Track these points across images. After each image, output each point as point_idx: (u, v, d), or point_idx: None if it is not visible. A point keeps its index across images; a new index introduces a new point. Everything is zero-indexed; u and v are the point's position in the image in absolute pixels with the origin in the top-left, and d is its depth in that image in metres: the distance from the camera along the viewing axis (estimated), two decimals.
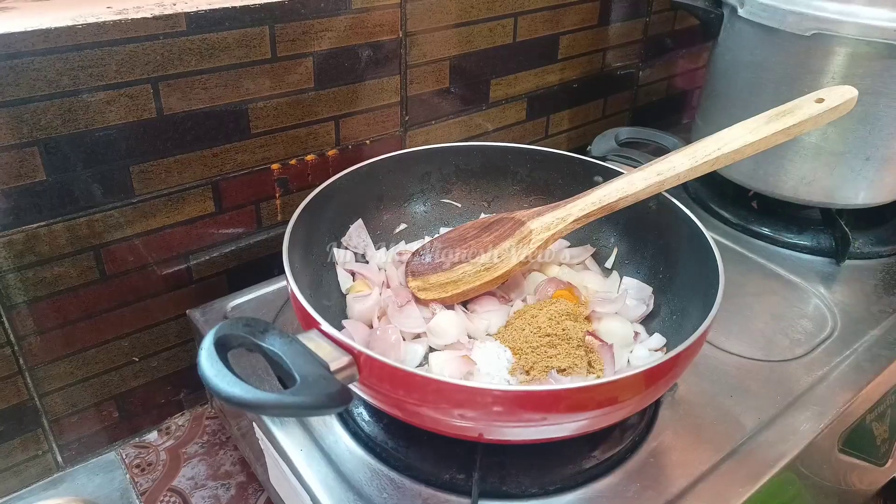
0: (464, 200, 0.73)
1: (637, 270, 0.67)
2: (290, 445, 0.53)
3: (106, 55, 0.55)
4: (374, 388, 0.45)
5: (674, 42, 1.09)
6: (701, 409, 0.58)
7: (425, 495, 0.50)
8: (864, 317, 0.70)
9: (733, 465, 0.53)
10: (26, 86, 0.52)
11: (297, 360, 0.40)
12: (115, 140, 0.58)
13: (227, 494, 0.65)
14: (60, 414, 0.65)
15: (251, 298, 0.68)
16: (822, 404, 0.59)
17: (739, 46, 0.80)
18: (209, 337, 0.40)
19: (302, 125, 0.70)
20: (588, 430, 0.48)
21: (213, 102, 0.62)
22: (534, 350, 0.56)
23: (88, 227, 0.60)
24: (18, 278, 0.57)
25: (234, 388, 0.37)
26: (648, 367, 0.44)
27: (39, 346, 0.61)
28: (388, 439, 0.54)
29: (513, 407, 0.43)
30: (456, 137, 0.85)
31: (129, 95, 0.57)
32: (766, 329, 0.67)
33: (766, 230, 0.82)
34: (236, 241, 0.71)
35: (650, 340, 0.60)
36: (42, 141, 0.55)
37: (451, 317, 0.60)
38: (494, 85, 0.86)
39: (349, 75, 0.71)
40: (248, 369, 0.59)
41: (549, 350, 0.55)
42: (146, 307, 0.66)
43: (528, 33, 0.86)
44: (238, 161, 0.67)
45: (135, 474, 0.67)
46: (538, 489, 0.50)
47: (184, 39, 0.59)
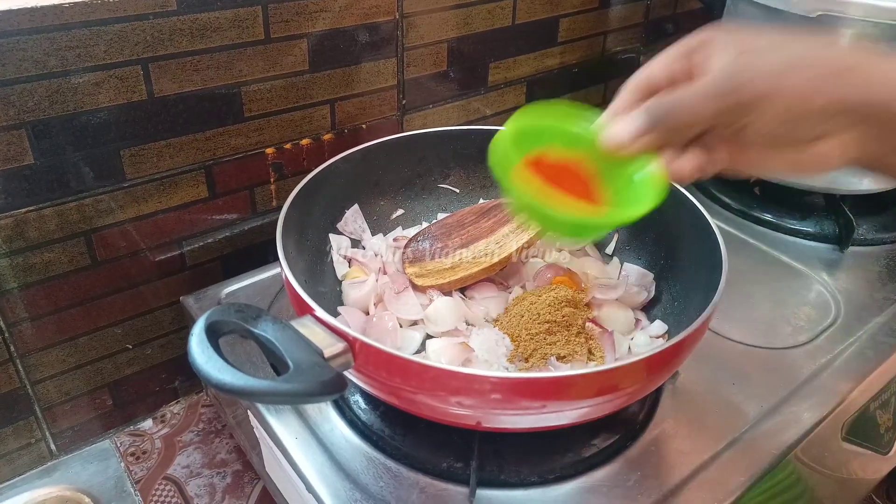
0: (462, 185, 0.72)
1: (638, 256, 0.66)
2: (285, 434, 0.52)
3: (94, 35, 0.54)
4: (370, 375, 0.45)
5: (675, 25, 1.07)
6: (702, 397, 0.57)
7: (422, 484, 0.49)
8: (867, 304, 0.69)
9: (735, 454, 0.52)
10: (12, 66, 0.51)
11: (291, 346, 0.40)
12: (104, 123, 0.57)
13: (222, 483, 0.64)
14: (53, 402, 0.64)
15: (246, 285, 0.67)
16: (825, 392, 0.58)
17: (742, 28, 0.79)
18: (199, 323, 0.39)
19: (297, 108, 0.68)
20: (588, 419, 0.47)
21: (205, 85, 0.61)
22: (533, 337, 0.55)
23: (79, 212, 0.59)
24: (7, 264, 0.56)
25: (223, 374, 0.36)
26: (649, 355, 0.43)
27: (31, 333, 0.60)
28: (384, 427, 0.53)
29: (511, 394, 0.42)
30: (454, 122, 0.84)
31: (118, 77, 0.56)
32: (768, 316, 0.67)
33: (769, 216, 0.81)
34: (230, 227, 0.69)
35: (651, 327, 0.59)
36: (30, 123, 0.53)
37: (449, 303, 0.59)
38: (493, 68, 0.84)
39: (345, 57, 0.70)
40: (242, 356, 0.58)
41: (549, 337, 0.55)
42: (139, 294, 0.65)
43: (528, 16, 0.84)
44: (231, 145, 0.65)
45: (129, 462, 0.66)
46: (537, 478, 0.49)
47: (174, 19, 0.57)
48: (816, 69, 0.37)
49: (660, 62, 0.41)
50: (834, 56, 0.38)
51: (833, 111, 0.37)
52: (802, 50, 0.38)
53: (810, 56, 0.38)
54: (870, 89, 0.37)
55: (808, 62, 0.38)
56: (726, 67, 0.38)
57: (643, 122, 0.40)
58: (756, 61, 0.38)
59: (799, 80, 0.37)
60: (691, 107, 0.39)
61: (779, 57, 0.38)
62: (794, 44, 0.39)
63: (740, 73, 0.38)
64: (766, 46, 0.39)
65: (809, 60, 0.38)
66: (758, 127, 0.38)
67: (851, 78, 0.37)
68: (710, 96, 0.38)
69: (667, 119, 0.40)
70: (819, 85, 0.37)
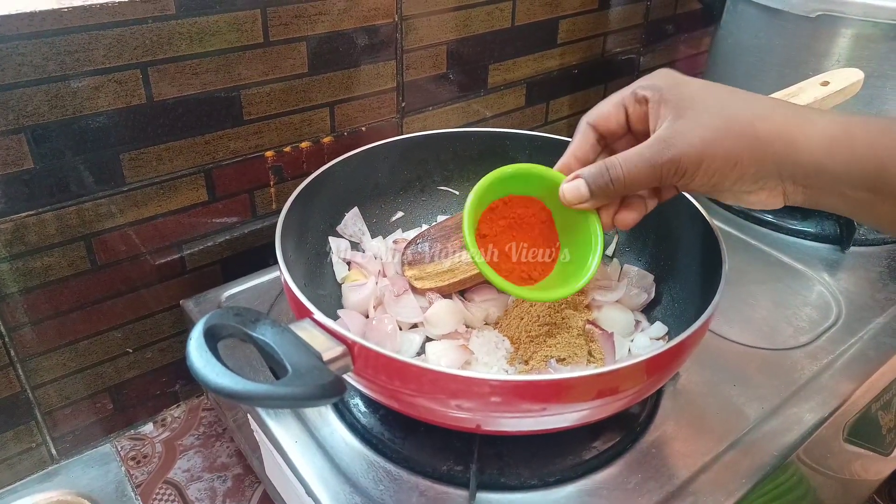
0: (462, 188, 0.72)
1: (638, 258, 0.66)
2: (285, 437, 0.52)
3: (93, 39, 0.54)
4: (370, 378, 0.45)
5: (675, 26, 1.07)
6: (703, 398, 0.57)
7: (422, 487, 0.49)
8: (869, 304, 0.69)
9: (736, 456, 0.52)
10: (12, 71, 0.51)
11: (289, 350, 0.39)
12: (104, 127, 0.57)
13: (223, 487, 0.64)
14: (54, 406, 0.64)
15: (246, 288, 0.67)
16: (827, 393, 0.58)
17: (742, 29, 0.79)
18: (198, 327, 0.39)
19: (296, 111, 0.68)
20: (588, 421, 0.47)
21: (204, 88, 0.61)
22: (532, 339, 0.55)
23: (78, 216, 0.59)
24: (7, 268, 0.56)
25: (222, 378, 0.36)
26: (650, 357, 0.43)
27: (31, 338, 0.60)
28: (384, 430, 0.53)
29: (511, 397, 0.42)
30: (454, 124, 0.84)
31: (117, 81, 0.56)
32: (769, 317, 0.66)
33: (770, 216, 0.81)
34: (230, 230, 0.69)
35: (651, 329, 0.59)
36: (29, 128, 0.53)
37: (449, 306, 0.59)
38: (493, 70, 0.84)
39: (344, 60, 0.70)
40: (241, 360, 0.58)
41: (549, 339, 0.54)
42: (139, 297, 0.65)
43: (527, 17, 0.84)
44: (231, 148, 0.65)
45: (130, 467, 0.66)
46: (537, 481, 0.49)
47: (173, 23, 0.57)
48: (748, 137, 0.40)
49: (611, 105, 0.45)
50: (765, 120, 0.40)
51: (764, 174, 0.40)
52: (737, 111, 0.40)
53: (743, 120, 0.40)
54: (798, 154, 0.39)
55: (740, 128, 0.40)
56: (661, 134, 0.41)
57: (586, 191, 0.45)
58: (691, 128, 0.40)
59: (731, 147, 0.40)
60: (628, 176, 0.43)
61: (714, 122, 0.40)
62: (732, 104, 0.41)
63: (675, 141, 0.41)
64: (703, 108, 0.41)
65: (742, 127, 0.40)
66: (695, 185, 0.42)
67: (780, 145, 0.40)
68: (647, 164, 0.41)
69: (606, 189, 0.44)
70: (750, 153, 0.40)
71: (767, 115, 0.40)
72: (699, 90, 0.42)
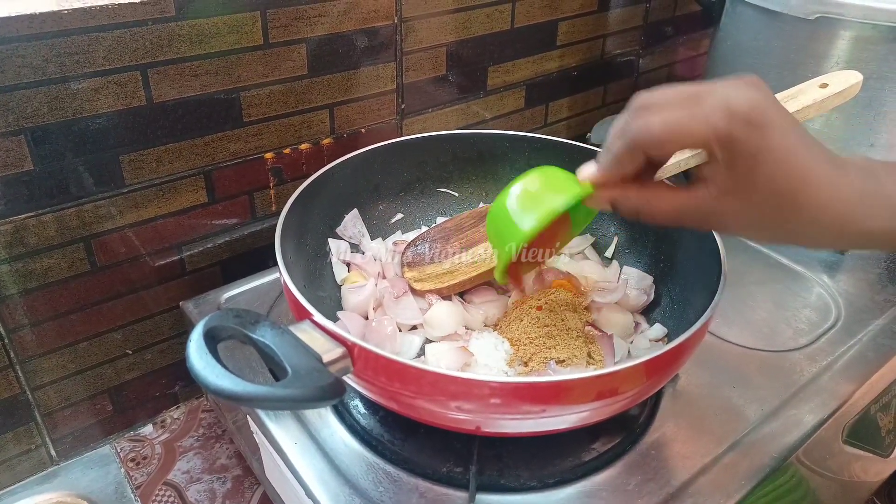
0: (461, 189, 0.72)
1: (638, 260, 0.66)
2: (284, 439, 0.52)
3: (93, 41, 0.54)
4: (369, 380, 0.45)
5: (675, 28, 1.07)
6: (703, 400, 0.57)
7: (422, 489, 0.49)
8: (868, 306, 0.69)
9: (735, 457, 0.52)
10: (11, 72, 0.51)
11: (289, 351, 0.40)
12: (104, 128, 0.57)
13: (222, 488, 0.64)
14: (53, 407, 0.64)
15: (246, 290, 0.67)
16: (826, 395, 0.58)
17: (741, 31, 0.79)
18: (198, 328, 0.39)
19: (296, 113, 0.68)
20: (588, 423, 0.47)
21: (204, 90, 0.61)
22: (532, 341, 0.55)
23: (78, 218, 0.59)
24: (7, 270, 0.56)
25: (222, 380, 0.36)
26: (649, 358, 0.43)
27: (31, 339, 0.60)
28: (384, 432, 0.53)
29: (511, 399, 0.42)
30: (453, 126, 0.84)
31: (117, 83, 0.56)
32: (768, 319, 0.66)
33: None
34: (230, 232, 0.69)
35: (651, 331, 0.59)
36: (29, 129, 0.53)
37: (448, 308, 0.59)
38: (492, 72, 0.84)
39: (344, 62, 0.70)
40: (241, 362, 0.58)
41: (548, 341, 0.55)
42: (139, 299, 0.65)
43: (527, 19, 0.84)
44: (231, 150, 0.66)
45: (130, 468, 0.66)
46: (537, 482, 0.49)
47: (173, 25, 0.57)
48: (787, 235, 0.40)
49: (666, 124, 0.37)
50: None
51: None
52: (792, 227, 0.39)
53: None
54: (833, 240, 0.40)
55: (784, 235, 0.40)
56: (703, 206, 0.39)
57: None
58: (736, 210, 0.38)
59: (763, 236, 0.41)
60: (656, 213, 0.41)
61: (762, 222, 0.39)
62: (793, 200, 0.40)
63: (712, 221, 0.39)
64: (763, 194, 0.38)
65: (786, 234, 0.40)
66: None
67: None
68: (677, 213, 0.40)
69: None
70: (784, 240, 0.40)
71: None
72: (774, 154, 0.37)
